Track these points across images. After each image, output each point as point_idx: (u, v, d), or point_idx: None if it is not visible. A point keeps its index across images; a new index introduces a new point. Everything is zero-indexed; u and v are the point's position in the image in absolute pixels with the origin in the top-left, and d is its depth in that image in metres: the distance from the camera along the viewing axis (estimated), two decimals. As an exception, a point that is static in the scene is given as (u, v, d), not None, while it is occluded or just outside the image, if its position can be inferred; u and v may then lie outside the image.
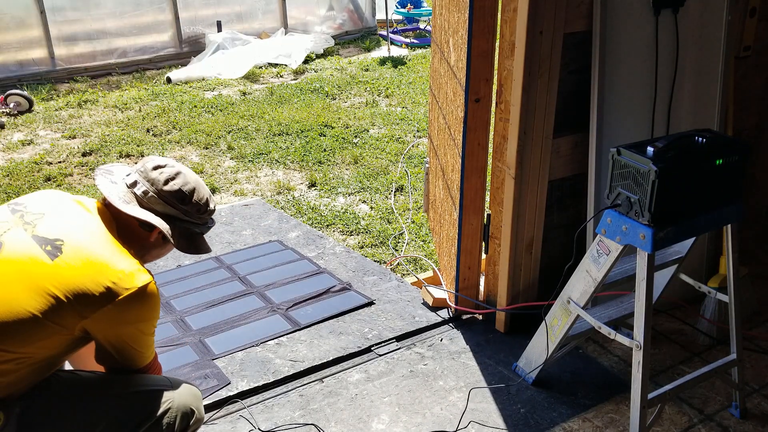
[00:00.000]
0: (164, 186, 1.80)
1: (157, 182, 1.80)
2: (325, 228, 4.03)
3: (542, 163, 2.65)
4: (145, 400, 1.76)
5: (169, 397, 1.79)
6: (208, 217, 1.92)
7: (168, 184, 1.80)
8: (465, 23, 2.60)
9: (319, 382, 2.61)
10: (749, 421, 2.38)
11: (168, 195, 1.80)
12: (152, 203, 1.80)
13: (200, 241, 1.93)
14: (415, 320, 2.96)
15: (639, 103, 2.69)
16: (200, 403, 1.89)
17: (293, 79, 7.45)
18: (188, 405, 1.82)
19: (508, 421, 2.39)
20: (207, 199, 1.88)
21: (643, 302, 2.02)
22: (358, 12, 9.46)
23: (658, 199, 1.92)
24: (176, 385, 1.84)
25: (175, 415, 1.78)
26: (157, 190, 1.80)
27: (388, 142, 5.37)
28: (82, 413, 1.71)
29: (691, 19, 2.67)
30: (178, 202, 1.82)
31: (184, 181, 1.82)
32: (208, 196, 1.89)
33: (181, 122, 5.90)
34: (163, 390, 1.80)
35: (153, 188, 1.80)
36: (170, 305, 3.09)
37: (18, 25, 7.03)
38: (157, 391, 1.79)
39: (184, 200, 1.82)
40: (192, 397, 1.85)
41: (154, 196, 1.79)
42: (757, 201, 3.46)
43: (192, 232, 1.88)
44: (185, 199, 1.82)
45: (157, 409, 1.76)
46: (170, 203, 1.81)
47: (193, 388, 1.89)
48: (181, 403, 1.80)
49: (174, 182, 1.81)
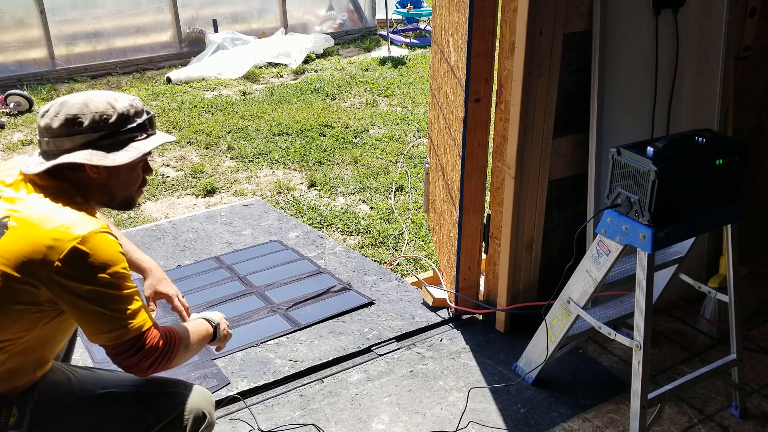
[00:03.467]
0: (54, 124, 1.63)
1: (47, 127, 1.64)
2: (325, 228, 4.03)
3: (542, 163, 2.65)
4: (159, 401, 1.75)
5: (183, 400, 1.77)
6: (123, 117, 1.67)
7: (55, 119, 1.63)
8: (465, 23, 2.60)
9: (319, 382, 2.61)
10: (749, 421, 2.38)
11: (61, 129, 1.62)
12: (58, 147, 1.63)
13: (145, 142, 1.71)
14: (415, 320, 2.96)
15: (639, 103, 2.69)
16: (212, 408, 1.86)
17: (293, 79, 7.45)
18: (201, 409, 1.80)
19: (508, 421, 2.39)
20: (108, 103, 1.66)
21: (643, 302, 2.02)
22: (358, 12, 9.46)
23: (658, 199, 1.92)
24: (190, 388, 1.82)
25: (188, 418, 1.76)
26: (51, 133, 1.63)
27: (388, 142, 5.37)
28: (94, 411, 1.71)
29: (691, 19, 2.67)
30: (77, 127, 1.62)
31: (68, 107, 1.63)
32: (108, 100, 1.66)
33: (181, 122, 5.90)
34: (177, 392, 1.78)
35: (48, 134, 1.64)
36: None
37: (18, 25, 7.03)
38: (172, 393, 1.78)
39: (78, 123, 1.62)
40: (205, 401, 1.83)
41: (52, 140, 1.63)
42: (757, 201, 3.46)
43: (120, 141, 1.66)
44: (78, 121, 1.62)
45: (171, 411, 1.74)
46: (71, 134, 1.62)
47: (207, 392, 1.87)
48: (194, 406, 1.78)
49: (59, 115, 1.63)
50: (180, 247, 3.66)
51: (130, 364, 1.63)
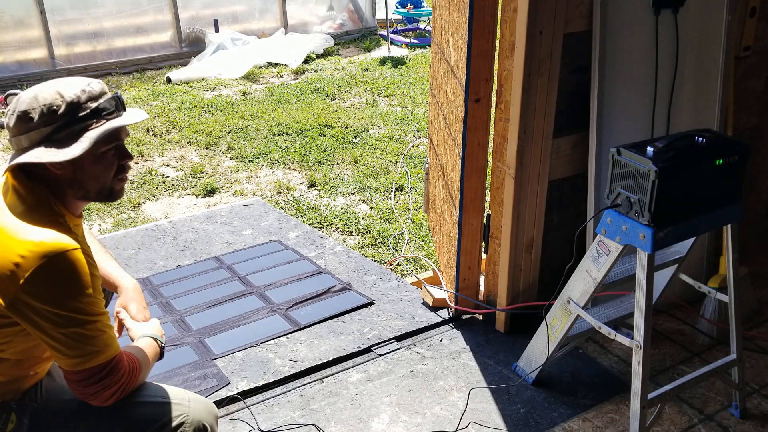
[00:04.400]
0: (10, 123, 1.56)
1: (7, 126, 1.57)
2: (325, 228, 4.03)
3: (542, 163, 2.65)
4: (159, 412, 1.71)
5: (184, 411, 1.73)
6: (73, 106, 1.55)
7: (11, 118, 1.56)
8: (465, 23, 2.60)
9: (319, 382, 2.61)
10: (749, 421, 2.38)
11: (16, 128, 1.55)
12: (19, 146, 1.56)
13: (99, 128, 1.57)
14: (415, 320, 2.96)
15: (639, 103, 2.69)
16: (215, 420, 1.82)
17: (293, 79, 7.45)
18: (202, 421, 1.76)
19: (508, 421, 2.39)
20: (57, 93, 1.55)
21: (643, 302, 2.02)
22: (358, 12, 9.47)
23: (658, 199, 1.92)
24: (192, 400, 1.78)
25: (188, 430, 1.72)
26: (10, 133, 1.57)
27: (388, 142, 5.37)
28: (95, 418, 1.67)
29: (691, 19, 2.68)
30: (28, 123, 1.54)
31: (20, 103, 1.56)
32: (57, 89, 1.55)
33: (181, 122, 5.90)
34: (179, 403, 1.74)
35: (9, 134, 1.58)
36: (170, 305, 3.09)
37: (18, 25, 7.03)
38: (172, 403, 1.74)
39: (29, 119, 1.54)
40: (207, 414, 1.79)
41: (13, 139, 1.57)
42: (757, 201, 3.46)
43: (74, 131, 1.55)
44: (29, 117, 1.53)
45: (170, 422, 1.70)
46: (25, 131, 1.54)
47: (210, 405, 1.83)
48: (195, 418, 1.74)
49: (12, 113, 1.56)
50: (180, 247, 3.66)
51: (88, 392, 1.57)
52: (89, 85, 1.57)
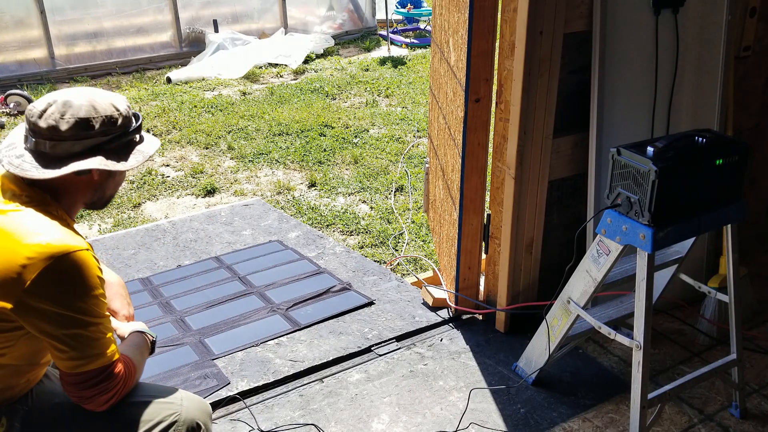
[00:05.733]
0: (62, 126, 1.57)
1: (53, 128, 1.57)
2: (325, 228, 4.03)
3: (542, 163, 2.65)
4: (151, 411, 1.70)
5: (177, 410, 1.72)
6: (127, 120, 1.66)
7: (62, 122, 1.58)
8: (465, 23, 2.60)
9: (319, 382, 2.61)
10: (749, 421, 2.38)
11: (71, 132, 1.58)
12: (67, 150, 1.58)
13: (143, 144, 1.72)
14: (415, 320, 2.96)
15: (639, 103, 2.69)
16: (208, 418, 1.81)
17: (293, 79, 7.45)
18: (195, 419, 1.75)
19: (508, 421, 2.39)
20: (113, 106, 1.64)
21: (643, 302, 2.02)
22: (358, 12, 9.47)
23: (658, 199, 1.92)
24: (186, 398, 1.77)
25: (181, 429, 1.71)
26: (58, 136, 1.58)
27: (388, 142, 5.37)
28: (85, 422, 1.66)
29: (691, 19, 2.67)
30: (89, 130, 1.59)
31: (76, 109, 1.59)
32: (111, 102, 1.64)
33: (181, 122, 5.90)
34: (171, 402, 1.74)
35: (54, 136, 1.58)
36: (170, 305, 3.09)
37: (18, 25, 7.03)
38: (164, 402, 1.73)
39: (90, 126, 1.59)
40: (200, 412, 1.78)
41: (59, 143, 1.58)
42: (757, 201, 3.46)
43: (124, 143, 1.65)
44: (90, 124, 1.59)
45: (162, 421, 1.69)
46: (82, 137, 1.59)
47: (204, 403, 1.82)
48: (188, 417, 1.73)
49: (65, 116, 1.58)
50: (180, 247, 3.66)
51: (84, 396, 1.57)
52: (126, 101, 1.70)
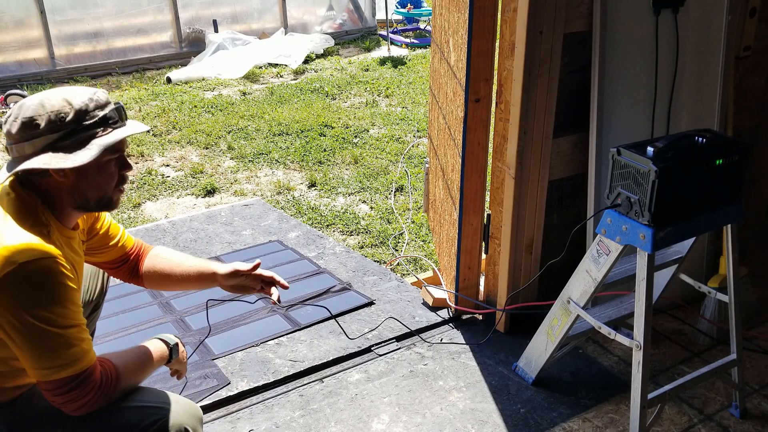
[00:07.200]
0: (12, 129, 1.55)
1: (8, 132, 1.56)
2: (325, 228, 4.03)
3: (542, 163, 2.65)
4: (138, 416, 1.65)
5: (163, 415, 1.67)
6: (80, 114, 1.56)
7: (14, 124, 1.55)
8: (465, 23, 2.60)
9: (319, 382, 2.61)
10: (749, 421, 2.38)
11: (20, 134, 1.54)
12: (21, 152, 1.55)
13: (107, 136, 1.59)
14: (415, 320, 2.96)
15: (639, 103, 2.69)
16: (198, 423, 1.75)
17: (293, 79, 7.45)
18: (183, 424, 1.69)
19: (508, 421, 2.39)
20: (65, 101, 1.56)
21: (643, 302, 2.02)
22: (358, 12, 9.47)
23: (658, 199, 1.92)
24: (174, 402, 1.71)
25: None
26: (12, 139, 1.55)
27: (388, 142, 5.37)
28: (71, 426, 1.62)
29: (691, 19, 2.67)
30: (34, 129, 1.53)
31: (25, 109, 1.55)
32: (64, 97, 1.56)
33: (181, 122, 5.90)
34: (157, 407, 1.68)
35: (10, 140, 1.56)
36: (170, 305, 3.09)
37: (18, 25, 7.03)
38: (150, 407, 1.67)
39: (35, 126, 1.53)
40: (188, 417, 1.72)
41: (14, 146, 1.55)
42: (757, 201, 3.46)
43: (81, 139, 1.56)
44: (35, 123, 1.53)
45: (148, 427, 1.64)
46: (30, 137, 1.53)
47: (193, 408, 1.77)
48: (175, 422, 1.67)
49: (15, 120, 1.55)
50: (180, 247, 3.66)
51: (57, 401, 1.55)
52: (95, 94, 1.58)
